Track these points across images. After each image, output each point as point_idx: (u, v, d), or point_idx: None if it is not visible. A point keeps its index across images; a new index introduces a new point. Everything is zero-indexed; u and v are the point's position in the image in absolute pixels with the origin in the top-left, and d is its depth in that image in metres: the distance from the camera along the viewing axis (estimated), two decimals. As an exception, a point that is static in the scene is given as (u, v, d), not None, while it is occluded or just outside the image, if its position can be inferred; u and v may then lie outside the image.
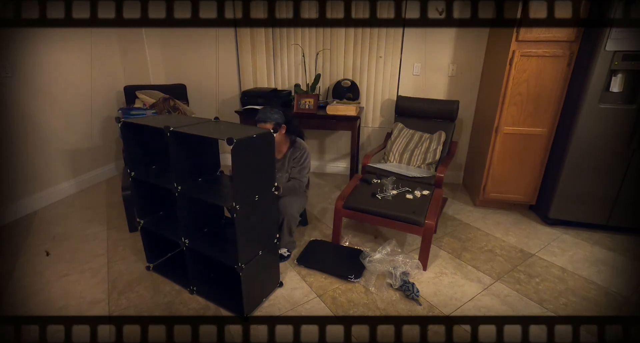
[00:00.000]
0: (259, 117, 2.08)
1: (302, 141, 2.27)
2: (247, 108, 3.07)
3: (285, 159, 2.22)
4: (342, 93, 3.19)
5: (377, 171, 2.61)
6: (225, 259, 1.63)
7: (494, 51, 2.74)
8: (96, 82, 3.21)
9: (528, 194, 2.71)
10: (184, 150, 1.65)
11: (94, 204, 2.89)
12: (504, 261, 2.17)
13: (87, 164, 3.23)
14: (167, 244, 2.12)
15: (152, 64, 3.69)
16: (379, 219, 2.11)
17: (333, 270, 2.03)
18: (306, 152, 2.22)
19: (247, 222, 1.55)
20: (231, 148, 1.33)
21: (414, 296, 1.81)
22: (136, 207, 1.92)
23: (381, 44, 3.10)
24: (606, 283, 1.97)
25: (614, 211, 2.42)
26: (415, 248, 2.27)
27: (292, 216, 2.08)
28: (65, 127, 2.96)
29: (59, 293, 1.86)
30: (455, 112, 2.79)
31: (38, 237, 2.39)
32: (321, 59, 3.28)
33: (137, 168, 1.85)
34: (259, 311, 1.74)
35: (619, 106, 2.21)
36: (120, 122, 1.72)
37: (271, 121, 2.05)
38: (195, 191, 1.65)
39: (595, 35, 2.11)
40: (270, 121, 2.05)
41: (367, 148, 3.53)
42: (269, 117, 2.06)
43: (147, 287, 1.91)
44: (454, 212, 2.82)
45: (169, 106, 2.88)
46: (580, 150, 2.33)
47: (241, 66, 3.46)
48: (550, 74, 2.35)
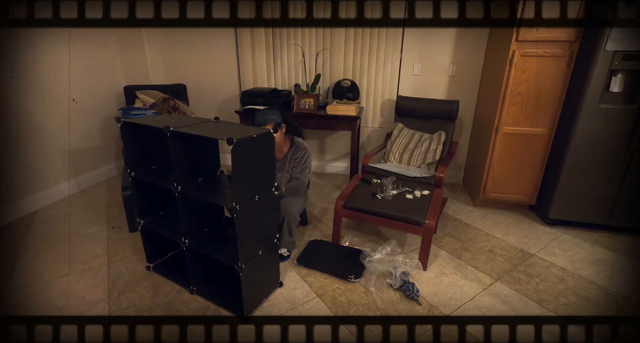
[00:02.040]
0: (257, 121, 2.04)
1: (303, 140, 2.26)
2: (247, 108, 3.07)
3: (286, 159, 2.21)
4: (342, 93, 3.19)
5: (377, 171, 2.61)
6: (225, 259, 1.63)
7: (494, 51, 2.74)
8: (96, 82, 3.21)
9: (528, 194, 2.71)
10: (184, 150, 1.65)
11: (94, 204, 2.89)
12: (504, 261, 2.17)
13: (87, 164, 3.23)
14: (167, 244, 2.12)
15: (152, 64, 3.69)
16: (379, 219, 2.11)
17: (333, 270, 2.03)
18: (307, 152, 2.21)
19: (247, 222, 1.55)
20: (231, 148, 1.33)
21: (414, 296, 1.81)
22: (136, 207, 1.92)
23: (381, 44, 3.10)
24: (606, 283, 1.97)
25: (614, 211, 2.42)
26: (415, 248, 2.27)
27: (292, 216, 2.08)
28: (65, 127, 2.96)
29: (59, 293, 1.86)
30: (455, 112, 2.79)
31: (38, 237, 2.39)
32: (321, 59, 3.28)
33: (137, 168, 1.85)
34: (259, 311, 1.74)
35: (618, 106, 2.21)
36: (120, 123, 1.72)
37: (270, 122, 2.04)
38: (195, 191, 1.65)
39: (595, 35, 2.11)
40: (269, 122, 2.04)
41: (367, 148, 3.53)
42: (268, 119, 2.04)
43: (147, 287, 1.91)
44: (454, 212, 2.82)
45: (169, 106, 2.88)
46: (580, 150, 2.33)
47: (241, 66, 3.46)
48: (550, 74, 2.35)
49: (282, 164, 2.22)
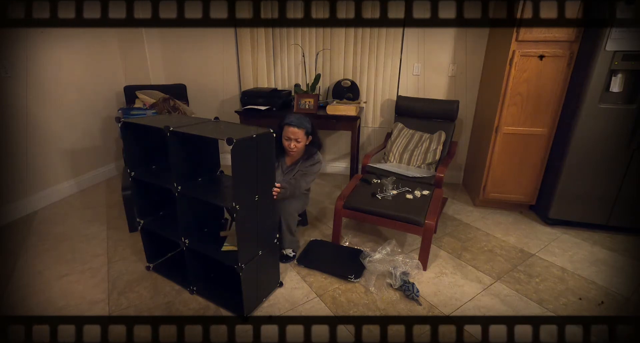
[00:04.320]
0: (291, 120, 1.99)
1: (319, 154, 2.19)
2: (247, 108, 3.07)
3: (295, 166, 2.18)
4: (342, 93, 3.19)
5: (377, 171, 2.61)
6: (225, 259, 1.63)
7: (494, 51, 2.74)
8: (96, 82, 3.21)
9: (528, 194, 2.71)
10: (184, 150, 1.65)
11: (94, 204, 2.89)
12: (504, 261, 2.17)
13: (87, 164, 3.23)
14: (167, 244, 2.12)
15: (152, 64, 3.69)
16: (379, 219, 2.11)
17: (333, 270, 2.03)
18: (320, 164, 2.16)
19: (247, 222, 1.55)
20: (231, 148, 1.33)
21: (414, 296, 1.81)
22: (136, 207, 1.92)
23: (381, 44, 3.10)
24: (606, 283, 1.97)
25: (614, 211, 2.42)
26: (415, 248, 2.27)
27: (289, 214, 2.06)
28: (65, 127, 2.96)
29: (59, 293, 1.86)
30: (455, 112, 2.79)
31: (38, 237, 2.39)
32: (321, 59, 3.28)
33: (137, 168, 1.85)
34: (259, 311, 1.74)
35: (618, 106, 2.21)
36: (120, 123, 1.72)
37: (304, 128, 2.00)
38: (195, 191, 1.65)
39: (595, 35, 2.11)
40: (303, 127, 2.00)
41: (367, 148, 3.53)
42: (303, 124, 2.00)
43: (147, 287, 1.91)
44: (454, 212, 2.82)
45: (169, 106, 2.88)
46: (580, 150, 2.33)
47: (241, 66, 3.46)
48: (550, 74, 2.35)
49: (290, 170, 2.19)
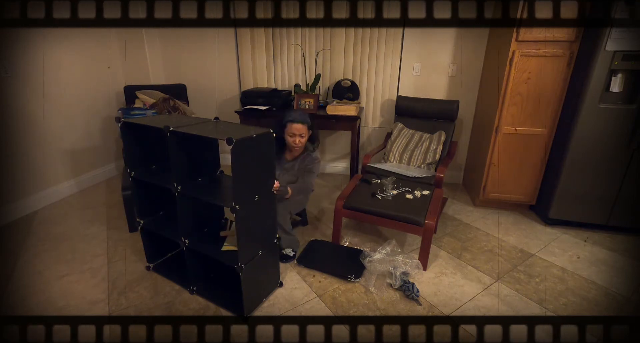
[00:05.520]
0: (294, 117, 2.01)
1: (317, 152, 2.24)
2: (247, 108, 3.07)
3: (295, 162, 2.20)
4: (342, 93, 3.19)
5: (377, 171, 2.61)
6: (225, 259, 1.63)
7: (494, 51, 2.74)
8: (96, 82, 3.21)
9: (528, 194, 2.71)
10: (184, 150, 1.65)
11: (94, 204, 2.89)
12: (504, 261, 2.17)
13: (87, 164, 3.23)
14: (167, 244, 2.12)
15: (152, 64, 3.69)
16: (379, 219, 2.11)
17: (333, 270, 2.03)
18: (318, 161, 2.20)
19: (247, 222, 1.55)
20: (231, 148, 1.33)
21: (414, 296, 1.81)
22: (136, 207, 1.92)
23: (381, 44, 3.10)
24: (606, 283, 1.97)
25: (614, 211, 2.42)
26: (415, 248, 2.27)
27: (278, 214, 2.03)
28: (65, 127, 2.96)
29: (59, 293, 1.86)
30: (455, 112, 2.79)
31: (38, 237, 2.39)
32: (321, 59, 3.28)
33: (137, 168, 1.85)
34: (259, 311, 1.74)
35: (618, 106, 2.21)
36: (120, 123, 1.72)
37: (306, 123, 2.02)
38: (195, 191, 1.65)
39: (595, 35, 2.11)
40: (306, 123, 2.01)
41: (367, 148, 3.53)
42: (306, 119, 2.01)
43: (147, 287, 1.91)
44: (454, 212, 2.82)
45: (169, 106, 2.88)
46: (580, 150, 2.33)
47: (241, 66, 3.46)
48: (550, 74, 2.35)
49: (291, 166, 2.20)
